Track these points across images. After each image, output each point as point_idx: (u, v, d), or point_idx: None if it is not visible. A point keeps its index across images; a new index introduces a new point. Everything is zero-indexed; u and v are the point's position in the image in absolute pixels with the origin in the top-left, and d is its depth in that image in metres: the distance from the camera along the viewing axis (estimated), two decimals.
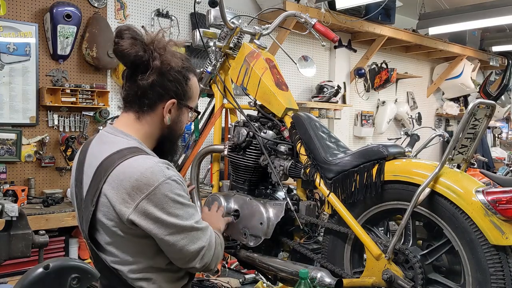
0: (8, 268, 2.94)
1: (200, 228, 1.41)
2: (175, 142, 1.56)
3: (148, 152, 1.44)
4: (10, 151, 3.42)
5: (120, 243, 1.39)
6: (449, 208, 1.46)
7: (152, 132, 1.48)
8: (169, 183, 1.33)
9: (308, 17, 2.23)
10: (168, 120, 1.46)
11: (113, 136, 1.44)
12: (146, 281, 1.42)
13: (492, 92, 7.67)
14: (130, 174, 1.32)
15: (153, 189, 1.31)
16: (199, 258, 1.41)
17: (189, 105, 1.51)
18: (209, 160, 3.75)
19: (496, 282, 1.38)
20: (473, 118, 1.46)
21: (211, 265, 1.46)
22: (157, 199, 1.31)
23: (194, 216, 1.40)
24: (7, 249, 1.96)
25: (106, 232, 1.38)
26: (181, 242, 1.36)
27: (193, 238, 1.39)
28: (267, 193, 2.04)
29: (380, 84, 6.17)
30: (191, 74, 1.50)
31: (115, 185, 1.33)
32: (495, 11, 5.32)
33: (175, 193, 1.34)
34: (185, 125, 1.55)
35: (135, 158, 1.35)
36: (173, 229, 1.35)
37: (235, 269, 2.42)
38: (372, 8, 5.32)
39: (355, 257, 1.77)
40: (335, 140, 1.89)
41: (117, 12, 4.07)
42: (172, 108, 1.47)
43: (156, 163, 1.35)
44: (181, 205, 1.36)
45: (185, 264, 1.42)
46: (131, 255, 1.40)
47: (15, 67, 3.52)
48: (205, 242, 1.42)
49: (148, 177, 1.31)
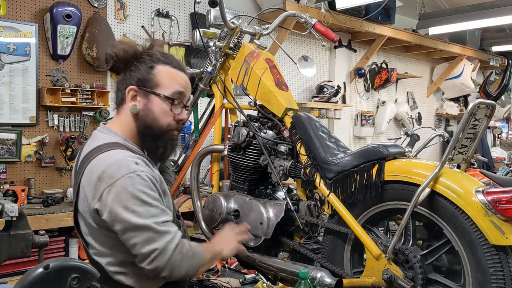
0: (8, 268, 2.94)
1: (158, 230, 1.35)
2: (155, 136, 1.50)
3: (130, 147, 1.46)
4: (10, 151, 3.42)
5: (95, 234, 1.44)
6: (449, 208, 1.46)
7: (128, 125, 1.50)
8: (131, 177, 1.34)
9: (308, 17, 2.23)
10: (133, 108, 1.47)
11: (100, 134, 1.50)
12: (124, 275, 1.43)
13: (492, 92, 7.67)
14: (99, 166, 1.37)
15: (114, 181, 1.33)
16: (149, 260, 1.35)
17: (155, 92, 1.48)
18: (209, 160, 3.75)
19: (496, 282, 1.38)
20: (473, 118, 1.46)
21: (164, 272, 1.37)
22: (117, 191, 1.33)
23: (155, 217, 1.36)
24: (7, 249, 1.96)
25: (84, 223, 1.44)
26: (133, 240, 1.34)
27: (147, 238, 1.34)
28: (267, 193, 2.04)
29: (380, 84, 6.17)
30: (158, 63, 1.50)
31: (88, 177, 1.38)
32: (495, 11, 5.32)
33: (137, 188, 1.34)
34: (164, 116, 1.49)
35: (109, 152, 1.39)
36: (126, 225, 1.33)
37: (235, 269, 2.42)
38: (372, 8, 5.32)
39: (355, 257, 1.77)
40: (335, 140, 1.89)
41: (117, 12, 4.07)
42: (137, 96, 1.49)
43: (126, 157, 1.38)
44: (140, 201, 1.34)
45: (137, 261, 1.38)
46: (107, 247, 1.43)
47: (15, 67, 3.52)
48: (159, 245, 1.34)
49: (113, 169, 1.34)
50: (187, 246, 1.42)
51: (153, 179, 1.40)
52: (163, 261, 1.35)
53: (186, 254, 1.40)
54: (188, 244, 1.43)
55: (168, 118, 1.50)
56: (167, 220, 1.40)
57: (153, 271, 1.37)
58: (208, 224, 2.07)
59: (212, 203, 2.03)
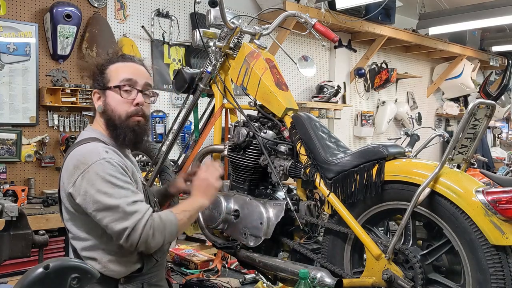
0: (8, 268, 2.94)
1: (127, 210, 1.47)
2: (118, 125, 1.64)
3: (105, 140, 1.64)
4: (10, 151, 3.42)
5: (73, 219, 1.58)
6: (449, 208, 1.46)
7: (101, 123, 1.68)
8: (101, 163, 1.49)
9: (308, 17, 2.23)
10: (99, 107, 1.67)
11: (84, 132, 1.71)
12: (93, 260, 1.55)
13: (492, 92, 7.67)
14: (75, 156, 1.54)
15: (87, 167, 1.49)
16: (123, 238, 1.47)
17: (107, 86, 1.65)
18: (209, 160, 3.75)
19: (496, 282, 1.38)
20: (473, 118, 1.46)
21: (140, 247, 1.49)
22: (89, 176, 1.48)
23: (126, 198, 1.49)
24: (7, 249, 1.96)
25: (64, 209, 1.60)
26: (106, 219, 1.47)
27: (118, 218, 1.47)
28: (267, 193, 2.04)
29: (380, 84, 6.17)
30: (109, 64, 1.68)
31: (66, 167, 1.56)
32: (495, 11, 5.32)
33: (107, 172, 1.49)
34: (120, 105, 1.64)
35: (85, 145, 1.57)
36: (98, 205, 1.47)
37: (235, 269, 2.42)
38: (372, 8, 5.32)
39: (355, 257, 1.77)
40: (335, 140, 1.89)
41: (117, 12, 4.07)
42: (100, 96, 1.68)
43: (97, 147, 1.56)
44: (111, 184, 1.48)
45: (115, 240, 1.50)
46: (82, 232, 1.57)
47: (15, 67, 3.53)
48: (129, 224, 1.46)
49: (86, 157, 1.51)
50: (157, 220, 1.52)
51: (123, 165, 1.55)
52: (135, 238, 1.47)
53: (157, 227, 1.51)
54: (158, 217, 1.53)
55: (125, 106, 1.65)
56: (137, 200, 1.52)
57: (132, 248, 1.49)
58: (208, 224, 2.06)
59: (212, 203, 2.03)
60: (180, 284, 2.09)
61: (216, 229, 2.04)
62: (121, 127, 1.64)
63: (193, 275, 2.29)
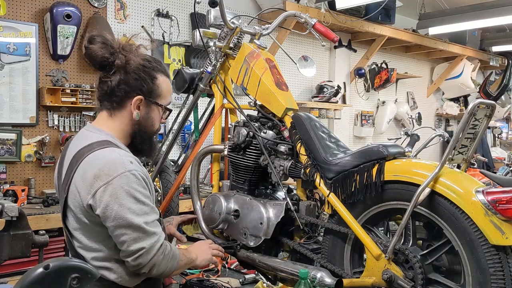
0: (8, 268, 2.94)
1: (147, 230, 1.44)
2: (147, 139, 1.61)
3: (120, 146, 1.53)
4: (10, 151, 3.42)
5: (85, 230, 1.49)
6: (449, 208, 1.46)
7: (124, 128, 1.57)
8: (127, 176, 1.41)
9: (308, 17, 2.23)
10: (137, 115, 1.55)
11: (88, 132, 1.56)
12: (107, 270, 1.49)
13: (492, 92, 7.67)
14: (95, 164, 1.43)
15: (111, 179, 1.40)
16: (135, 257, 1.44)
17: (158, 102, 1.59)
18: (209, 160, 3.75)
19: (496, 282, 1.38)
20: (473, 118, 1.46)
21: (145, 269, 1.46)
22: (113, 189, 1.40)
23: (146, 216, 1.45)
24: (7, 249, 1.96)
25: (74, 218, 1.49)
26: (124, 237, 1.42)
27: (137, 237, 1.43)
28: (267, 193, 2.04)
29: (380, 84, 6.17)
30: (158, 73, 1.59)
31: (82, 174, 1.44)
32: (495, 11, 5.32)
33: (131, 186, 1.42)
34: (157, 122, 1.62)
35: (102, 150, 1.46)
36: (120, 222, 1.41)
37: (235, 269, 2.42)
38: (372, 8, 5.32)
39: (355, 257, 1.77)
40: (335, 140, 1.89)
41: (117, 12, 4.07)
42: (141, 105, 1.56)
43: (121, 156, 1.45)
44: (134, 199, 1.42)
45: (122, 256, 1.46)
46: (94, 242, 1.49)
47: (15, 67, 3.53)
48: (146, 245, 1.44)
49: (109, 167, 1.41)
50: (169, 248, 1.52)
51: (146, 177, 1.48)
52: (146, 259, 1.45)
53: (167, 255, 1.50)
54: (169, 246, 1.53)
55: (158, 123, 1.64)
56: (155, 219, 1.49)
57: (136, 267, 1.46)
58: (208, 224, 2.07)
59: (212, 203, 2.03)
60: (180, 284, 2.09)
61: (216, 229, 2.04)
62: (149, 141, 1.62)
63: (193, 275, 2.29)
